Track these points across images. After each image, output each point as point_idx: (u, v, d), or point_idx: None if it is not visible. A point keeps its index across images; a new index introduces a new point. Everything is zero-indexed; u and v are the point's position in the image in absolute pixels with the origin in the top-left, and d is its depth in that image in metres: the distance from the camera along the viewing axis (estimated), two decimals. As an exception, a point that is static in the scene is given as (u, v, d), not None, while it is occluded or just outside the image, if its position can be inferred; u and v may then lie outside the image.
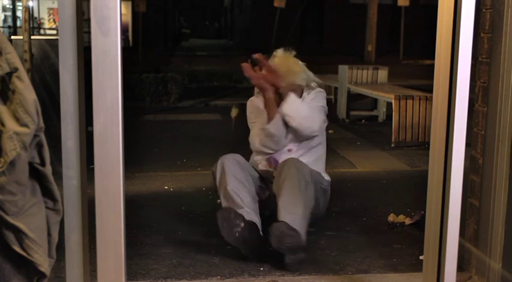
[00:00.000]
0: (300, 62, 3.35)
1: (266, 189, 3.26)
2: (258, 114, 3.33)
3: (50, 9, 20.62)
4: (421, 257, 2.65)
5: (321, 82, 3.50)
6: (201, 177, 4.61)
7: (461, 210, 2.08)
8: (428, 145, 2.22)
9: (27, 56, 6.09)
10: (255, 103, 3.38)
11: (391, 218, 3.52)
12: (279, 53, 3.36)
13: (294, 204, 2.88)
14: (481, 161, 2.61)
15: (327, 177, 3.37)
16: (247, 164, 3.28)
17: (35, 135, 1.35)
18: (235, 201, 3.00)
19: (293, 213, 2.84)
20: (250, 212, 2.97)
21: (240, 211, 2.91)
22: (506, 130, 2.42)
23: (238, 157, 3.22)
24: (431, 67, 2.15)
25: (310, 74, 3.37)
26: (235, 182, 3.06)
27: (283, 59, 3.32)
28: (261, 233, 2.92)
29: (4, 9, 18.81)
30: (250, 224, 2.88)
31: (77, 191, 1.89)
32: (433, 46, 2.09)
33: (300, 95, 3.31)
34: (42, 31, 19.41)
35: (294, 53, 3.35)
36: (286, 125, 3.22)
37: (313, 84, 3.37)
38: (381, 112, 7.65)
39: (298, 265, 2.78)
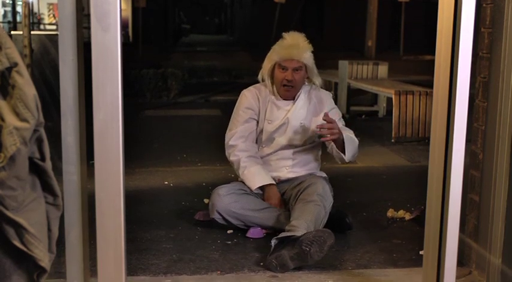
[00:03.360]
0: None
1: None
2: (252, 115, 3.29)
3: (49, 4, 20.57)
4: (421, 252, 2.65)
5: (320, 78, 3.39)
6: (201, 172, 4.62)
7: (461, 206, 2.09)
8: (429, 140, 2.22)
9: (27, 51, 6.07)
10: (253, 96, 3.31)
11: (390, 213, 3.52)
12: (290, 32, 3.29)
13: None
14: (481, 156, 2.61)
15: (323, 175, 3.34)
16: (234, 189, 3.20)
17: (35, 130, 1.35)
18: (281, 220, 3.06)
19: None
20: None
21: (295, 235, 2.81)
22: (507, 125, 2.42)
23: (224, 193, 3.15)
24: (432, 63, 2.15)
25: (315, 68, 3.30)
26: (255, 214, 3.11)
27: (294, 36, 3.25)
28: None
29: (4, 4, 18.77)
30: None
31: (77, 186, 1.90)
32: (433, 42, 2.09)
33: (298, 89, 3.25)
34: (42, 26, 19.37)
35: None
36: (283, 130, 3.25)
37: (317, 82, 3.30)
38: (381, 107, 7.64)
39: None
